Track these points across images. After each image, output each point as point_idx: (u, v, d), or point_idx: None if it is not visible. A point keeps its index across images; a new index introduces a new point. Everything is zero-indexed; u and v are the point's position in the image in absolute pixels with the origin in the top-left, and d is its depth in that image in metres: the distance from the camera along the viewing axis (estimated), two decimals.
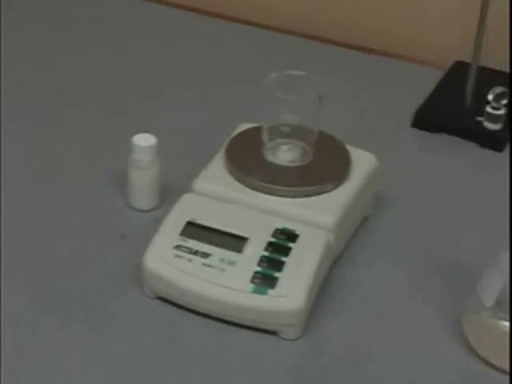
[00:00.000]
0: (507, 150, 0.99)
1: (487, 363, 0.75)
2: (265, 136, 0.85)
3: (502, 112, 0.98)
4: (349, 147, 0.87)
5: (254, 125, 0.87)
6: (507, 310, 0.74)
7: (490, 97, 0.98)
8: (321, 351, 0.77)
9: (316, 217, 0.80)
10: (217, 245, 0.79)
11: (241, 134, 0.88)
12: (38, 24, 1.15)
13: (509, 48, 1.05)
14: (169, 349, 0.76)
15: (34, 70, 1.07)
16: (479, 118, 0.99)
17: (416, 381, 0.75)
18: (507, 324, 0.74)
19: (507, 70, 1.05)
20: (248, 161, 0.84)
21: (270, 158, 0.84)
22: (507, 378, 0.74)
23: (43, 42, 1.12)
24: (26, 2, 1.19)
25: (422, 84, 1.05)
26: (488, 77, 1.02)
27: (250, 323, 0.77)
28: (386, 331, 0.78)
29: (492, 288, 0.75)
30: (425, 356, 0.76)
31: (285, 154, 0.84)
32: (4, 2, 1.15)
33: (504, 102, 0.98)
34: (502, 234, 0.76)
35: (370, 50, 1.13)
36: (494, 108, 0.98)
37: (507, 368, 0.74)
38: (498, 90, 0.98)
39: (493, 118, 0.99)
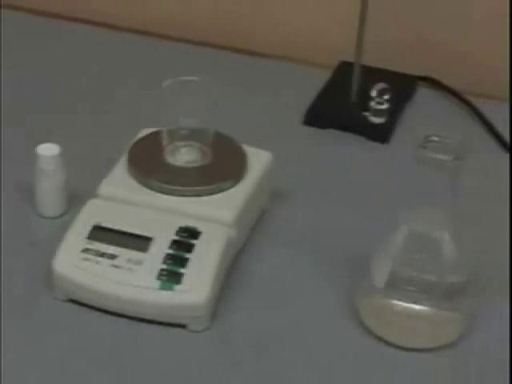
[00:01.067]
0: (392, 141, 0.99)
1: (381, 340, 0.75)
2: (164, 139, 0.83)
3: (384, 107, 0.99)
4: (245, 146, 0.86)
5: (154, 129, 0.86)
6: (398, 291, 0.74)
7: (374, 93, 0.99)
8: (228, 340, 0.76)
9: (216, 214, 0.79)
10: (123, 246, 0.77)
11: (142, 138, 0.86)
12: None
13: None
14: (82, 349, 0.74)
15: None
16: (365, 113, 1.00)
17: (318, 363, 0.74)
18: (398, 303, 0.74)
19: (388, 67, 1.06)
20: (149, 164, 0.83)
21: (171, 160, 0.83)
22: (399, 352, 0.75)
23: None
24: None
25: (311, 84, 1.05)
26: (371, 74, 1.02)
27: (159, 318, 0.76)
28: (288, 318, 0.78)
29: (382, 270, 0.75)
30: (325, 339, 0.76)
31: (184, 156, 0.83)
32: None
33: (386, 97, 0.98)
34: (391, 219, 0.76)
35: (262, 54, 1.12)
36: (377, 103, 0.99)
37: (400, 343, 0.75)
38: (380, 86, 0.98)
39: (377, 113, 0.99)
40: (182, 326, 0.76)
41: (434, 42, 1.10)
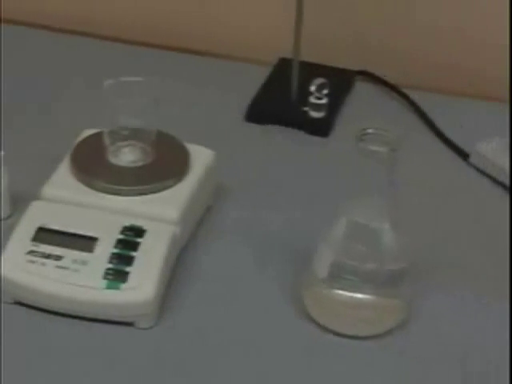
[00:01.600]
0: (332, 134, 1.00)
1: (326, 330, 0.76)
2: (106, 140, 0.83)
3: (323, 101, 0.99)
4: (187, 145, 0.86)
5: (97, 130, 0.85)
6: (340, 280, 0.75)
7: (313, 88, 0.99)
8: (176, 337, 0.75)
9: (160, 212, 0.79)
10: (68, 247, 0.76)
11: (84, 140, 0.86)
12: None
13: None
14: (31, 351, 0.73)
15: None
16: (305, 108, 1.00)
17: (266, 355, 0.74)
18: (340, 292, 0.75)
19: (326, 62, 1.07)
20: (92, 165, 0.82)
21: (113, 160, 0.82)
22: (344, 340, 0.75)
23: None
24: None
25: (252, 81, 1.05)
26: (310, 70, 1.02)
27: (107, 317, 0.75)
28: (236, 312, 0.78)
29: (324, 261, 0.75)
30: (272, 331, 0.76)
31: (126, 156, 0.83)
32: None
33: (325, 91, 0.99)
34: (332, 211, 0.76)
35: (202, 53, 1.12)
36: (316, 98, 0.99)
37: (344, 332, 0.75)
38: (319, 81, 0.99)
39: (316, 107, 1.00)
40: (130, 324, 0.75)
41: (370, 37, 1.11)
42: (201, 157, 0.85)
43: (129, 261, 0.76)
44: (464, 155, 0.97)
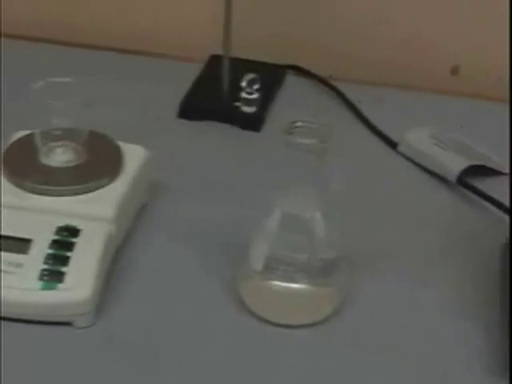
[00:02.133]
0: (264, 129, 1.00)
1: (264, 321, 0.76)
2: (38, 141, 0.82)
3: (255, 96, 0.99)
4: (120, 143, 0.85)
5: (28, 132, 0.84)
6: (276, 272, 0.75)
7: (244, 84, 0.99)
8: (114, 335, 0.75)
9: (95, 211, 0.78)
10: (2, 250, 0.75)
11: (15, 142, 0.84)
12: None
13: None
14: None
15: None
16: (237, 104, 1.00)
17: (207, 349, 0.74)
18: (276, 283, 0.75)
19: (256, 58, 1.06)
20: (25, 166, 0.81)
21: (46, 161, 0.81)
22: (280, 329, 0.75)
23: None
24: None
25: (184, 79, 1.05)
26: (240, 66, 1.02)
27: (45, 318, 0.74)
28: (175, 308, 0.77)
29: (259, 253, 0.75)
30: (211, 325, 0.76)
31: (59, 156, 0.81)
32: None
33: (255, 87, 0.99)
34: (265, 205, 0.76)
35: (133, 52, 1.11)
36: (248, 93, 0.99)
37: (281, 322, 0.75)
38: (250, 76, 0.99)
39: (248, 102, 0.99)
40: (68, 324, 0.74)
41: (300, 32, 1.11)
42: (134, 155, 0.84)
43: (64, 261, 0.75)
44: (392, 144, 0.98)
